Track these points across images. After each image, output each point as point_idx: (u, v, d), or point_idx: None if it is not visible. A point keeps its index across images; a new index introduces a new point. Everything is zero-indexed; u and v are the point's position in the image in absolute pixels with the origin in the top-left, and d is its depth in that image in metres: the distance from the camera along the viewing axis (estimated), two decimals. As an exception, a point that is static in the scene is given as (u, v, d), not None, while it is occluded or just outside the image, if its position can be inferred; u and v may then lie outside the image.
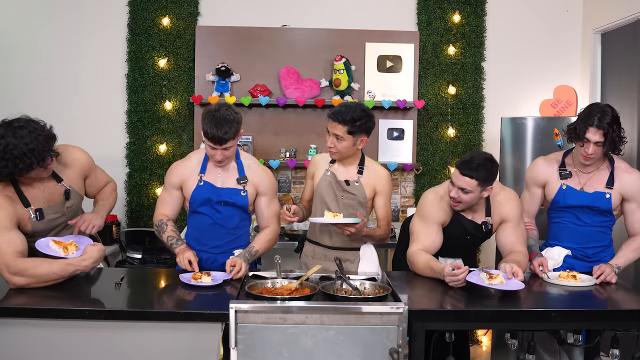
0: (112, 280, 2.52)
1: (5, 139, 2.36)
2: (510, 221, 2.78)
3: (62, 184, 2.67)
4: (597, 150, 2.79)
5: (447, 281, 2.50)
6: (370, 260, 3.01)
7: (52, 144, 2.48)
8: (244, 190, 2.78)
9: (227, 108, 2.67)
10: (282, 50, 4.40)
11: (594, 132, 2.74)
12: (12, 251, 2.36)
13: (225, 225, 2.81)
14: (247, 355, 2.17)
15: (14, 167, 2.38)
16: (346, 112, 2.81)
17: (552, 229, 3.04)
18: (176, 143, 4.42)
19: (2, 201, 2.47)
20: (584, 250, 2.93)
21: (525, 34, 4.60)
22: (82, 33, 4.43)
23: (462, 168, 2.64)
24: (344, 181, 2.94)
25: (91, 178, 2.84)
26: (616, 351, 2.40)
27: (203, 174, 2.79)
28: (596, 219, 2.90)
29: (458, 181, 2.66)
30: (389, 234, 3.03)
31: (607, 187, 2.85)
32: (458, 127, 4.51)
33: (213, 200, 2.77)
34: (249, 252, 2.73)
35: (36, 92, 4.40)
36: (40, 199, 2.61)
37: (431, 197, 2.83)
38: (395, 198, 4.56)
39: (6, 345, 2.19)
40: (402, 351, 2.15)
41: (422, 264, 2.67)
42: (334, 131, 2.84)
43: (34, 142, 2.38)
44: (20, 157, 2.36)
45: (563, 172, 2.93)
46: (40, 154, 2.41)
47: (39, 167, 2.44)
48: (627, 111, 3.95)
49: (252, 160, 2.89)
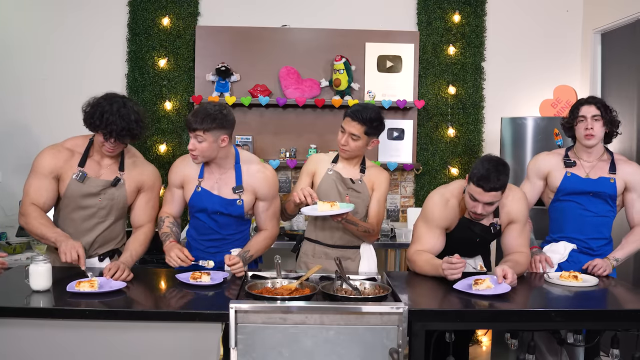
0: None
1: (114, 104, 2.61)
2: (518, 222, 2.76)
3: (120, 174, 2.75)
4: (596, 126, 2.89)
5: (445, 274, 2.50)
6: (370, 259, 3.01)
7: (138, 129, 2.65)
8: (239, 199, 2.76)
9: (216, 104, 2.70)
10: (282, 50, 4.40)
11: (587, 107, 2.92)
12: (33, 196, 2.65)
13: (221, 232, 2.82)
14: (247, 355, 2.17)
15: (99, 120, 2.57)
16: (365, 112, 2.81)
17: (555, 220, 3.05)
18: (176, 143, 4.42)
19: (57, 153, 2.70)
20: (587, 242, 2.95)
21: (526, 34, 4.60)
22: (82, 33, 4.44)
23: (486, 185, 2.53)
24: (349, 179, 2.93)
25: (144, 197, 2.83)
26: (616, 351, 2.40)
27: (201, 179, 2.78)
28: (600, 207, 2.93)
29: (484, 198, 2.57)
30: (377, 234, 2.97)
31: (610, 173, 2.92)
32: (458, 127, 4.51)
33: (209, 210, 2.77)
34: (243, 257, 2.71)
35: (36, 91, 4.40)
36: (95, 171, 2.73)
37: (436, 199, 2.78)
38: (395, 198, 4.57)
39: (6, 345, 2.18)
40: (402, 351, 2.15)
41: (422, 262, 2.68)
42: (350, 130, 2.83)
43: (133, 115, 2.61)
44: (112, 120, 2.56)
45: (567, 160, 2.99)
46: (128, 127, 2.60)
47: (114, 138, 2.61)
48: (627, 111, 3.96)
49: (252, 162, 2.83)
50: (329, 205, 2.69)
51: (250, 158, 2.86)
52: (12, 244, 3.90)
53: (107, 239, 2.81)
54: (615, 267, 2.87)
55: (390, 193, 4.56)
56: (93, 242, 2.77)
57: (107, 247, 2.83)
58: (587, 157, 2.98)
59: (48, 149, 2.74)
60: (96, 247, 2.80)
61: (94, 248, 2.79)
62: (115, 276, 2.50)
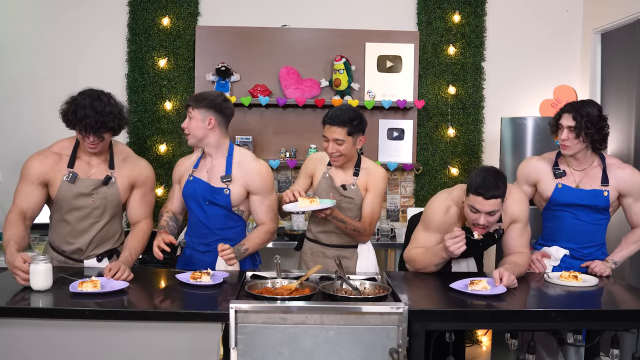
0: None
1: (88, 98, 2.60)
2: (520, 222, 2.75)
3: (110, 172, 2.75)
4: (570, 136, 2.83)
5: (451, 249, 2.51)
6: (368, 259, 3.01)
7: (114, 121, 2.62)
8: (226, 189, 2.78)
9: (218, 93, 2.91)
10: (282, 50, 4.40)
11: (566, 116, 2.86)
12: (18, 203, 2.67)
13: (210, 226, 2.83)
14: (247, 355, 2.17)
15: (73, 116, 2.57)
16: (342, 114, 2.83)
17: (548, 228, 3.04)
18: (176, 143, 4.42)
19: (44, 158, 2.71)
20: (580, 250, 2.94)
21: (525, 34, 4.60)
22: (82, 33, 4.43)
23: (485, 193, 2.49)
24: (340, 186, 2.94)
25: (138, 192, 2.84)
26: (616, 351, 2.40)
27: (195, 169, 2.86)
28: (593, 216, 2.91)
29: (485, 207, 2.52)
30: (370, 233, 2.97)
31: (602, 185, 2.87)
32: (458, 127, 4.51)
33: (199, 197, 2.81)
34: (237, 250, 2.75)
35: (36, 91, 4.40)
36: (85, 171, 2.74)
37: (437, 206, 2.76)
38: (395, 198, 4.57)
39: (6, 345, 2.18)
40: (402, 351, 2.15)
41: (421, 255, 2.68)
42: (332, 136, 2.84)
43: (107, 108, 2.60)
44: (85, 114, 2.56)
45: (557, 171, 2.94)
46: (103, 120, 2.58)
47: (90, 132, 2.59)
48: (626, 111, 3.96)
49: (247, 157, 2.86)
50: (309, 202, 2.71)
51: (245, 153, 2.89)
52: (12, 244, 3.89)
53: (104, 238, 2.81)
54: (613, 269, 2.86)
55: (390, 193, 4.56)
56: (90, 242, 2.78)
57: (104, 247, 2.83)
58: (576, 164, 2.93)
59: (35, 155, 2.75)
60: (93, 248, 2.80)
61: (91, 249, 2.79)
62: (116, 276, 2.50)
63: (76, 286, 2.36)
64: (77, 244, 2.76)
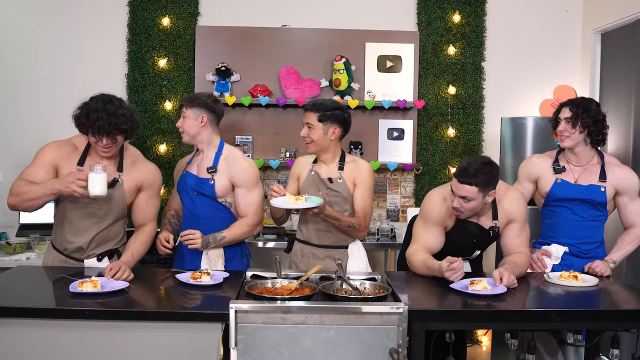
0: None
1: (100, 101, 2.63)
2: (517, 222, 2.76)
3: (118, 174, 2.77)
4: (567, 127, 2.90)
5: (447, 277, 2.50)
6: (359, 258, 3.01)
7: (127, 124, 2.64)
8: (211, 179, 2.91)
9: (209, 94, 3.08)
10: (282, 50, 4.40)
11: (564, 109, 2.95)
12: (23, 178, 2.64)
13: (197, 215, 2.95)
14: (247, 355, 2.17)
15: (86, 119, 2.59)
16: (319, 103, 2.97)
17: (547, 225, 3.06)
18: (176, 143, 4.41)
19: (61, 145, 2.76)
20: (578, 246, 2.95)
21: (525, 34, 4.60)
22: (82, 33, 4.43)
23: (460, 176, 2.60)
24: (327, 179, 2.97)
25: (144, 195, 2.85)
26: (616, 351, 2.40)
27: (188, 165, 3.04)
28: (591, 212, 2.94)
29: (458, 190, 2.61)
30: (365, 227, 2.98)
31: (600, 181, 2.91)
32: (458, 127, 4.51)
33: (188, 189, 2.96)
34: (213, 236, 2.86)
35: (36, 92, 4.40)
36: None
37: (434, 198, 2.80)
38: (395, 198, 4.57)
39: (6, 345, 2.19)
40: (402, 351, 2.15)
41: (419, 263, 2.68)
42: (306, 120, 2.96)
43: (120, 110, 2.63)
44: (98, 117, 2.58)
45: (557, 166, 3.00)
46: (116, 122, 2.60)
47: (104, 135, 2.61)
48: (625, 111, 3.96)
49: (234, 153, 3.00)
50: (294, 198, 2.75)
51: (234, 150, 3.05)
52: (12, 244, 3.89)
53: (104, 238, 2.81)
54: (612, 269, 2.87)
55: (390, 193, 4.56)
56: (90, 241, 2.78)
57: (105, 247, 2.83)
58: (576, 161, 2.98)
59: (53, 142, 2.81)
60: (94, 247, 2.80)
61: (92, 247, 2.80)
62: (116, 276, 2.50)
63: (76, 286, 2.36)
64: (78, 242, 2.77)
